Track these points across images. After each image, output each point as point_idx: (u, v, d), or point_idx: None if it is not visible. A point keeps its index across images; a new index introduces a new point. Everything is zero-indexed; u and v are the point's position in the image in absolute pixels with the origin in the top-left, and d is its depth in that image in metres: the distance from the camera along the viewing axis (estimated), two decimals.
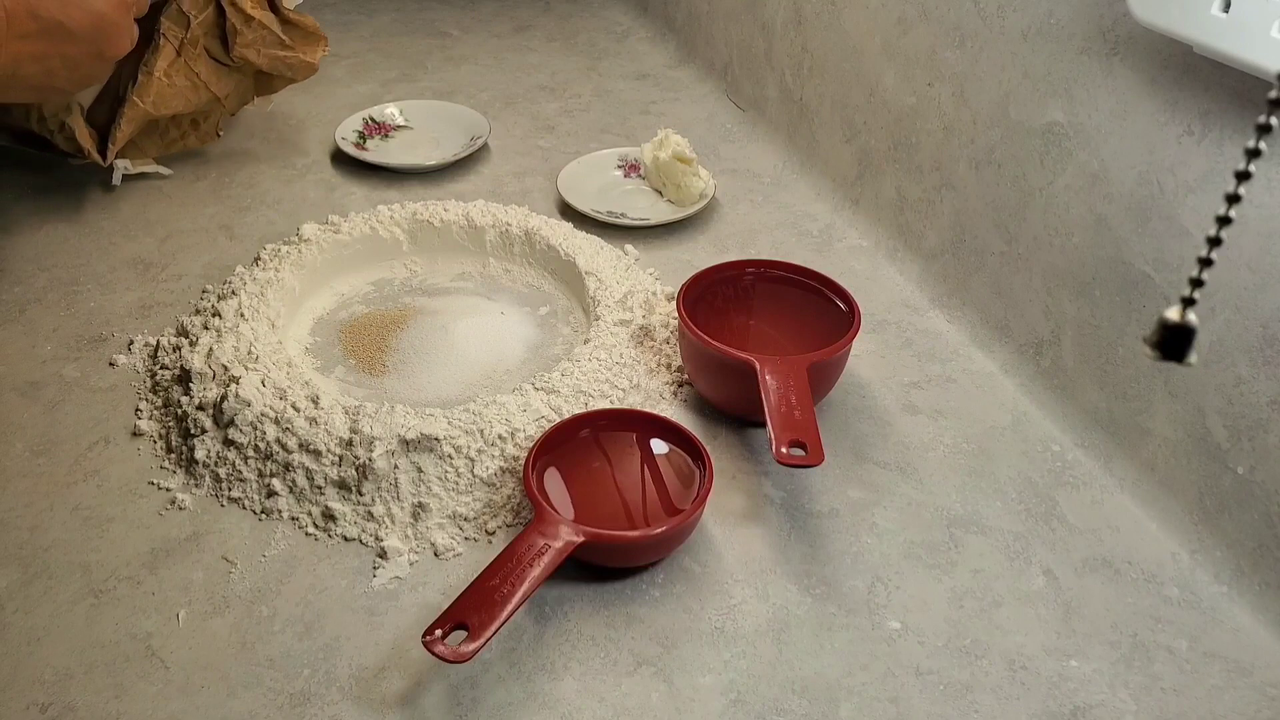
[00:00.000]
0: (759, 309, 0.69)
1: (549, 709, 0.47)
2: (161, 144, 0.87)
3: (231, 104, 0.86)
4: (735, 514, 0.58)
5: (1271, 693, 0.49)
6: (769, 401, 0.56)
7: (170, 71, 0.80)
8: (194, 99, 0.82)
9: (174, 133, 0.87)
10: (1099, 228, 0.60)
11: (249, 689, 0.48)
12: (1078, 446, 0.63)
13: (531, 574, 0.48)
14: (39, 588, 0.52)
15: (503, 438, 0.58)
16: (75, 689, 0.47)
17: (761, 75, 0.97)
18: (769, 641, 0.51)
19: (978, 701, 0.48)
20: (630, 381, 0.64)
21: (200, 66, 0.81)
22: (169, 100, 0.80)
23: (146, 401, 0.64)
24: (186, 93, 0.81)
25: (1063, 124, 0.62)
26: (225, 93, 0.84)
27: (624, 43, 1.21)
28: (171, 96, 0.80)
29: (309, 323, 0.71)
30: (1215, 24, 0.48)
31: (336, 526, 0.56)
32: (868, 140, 0.82)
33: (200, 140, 0.89)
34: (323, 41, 0.85)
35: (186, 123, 0.87)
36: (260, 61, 0.83)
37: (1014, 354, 0.68)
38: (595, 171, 0.89)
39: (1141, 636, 0.52)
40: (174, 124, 0.86)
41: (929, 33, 0.73)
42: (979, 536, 0.57)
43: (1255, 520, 0.53)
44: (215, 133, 0.89)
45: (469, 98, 1.04)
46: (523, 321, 0.72)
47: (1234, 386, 0.53)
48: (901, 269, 0.78)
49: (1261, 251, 0.51)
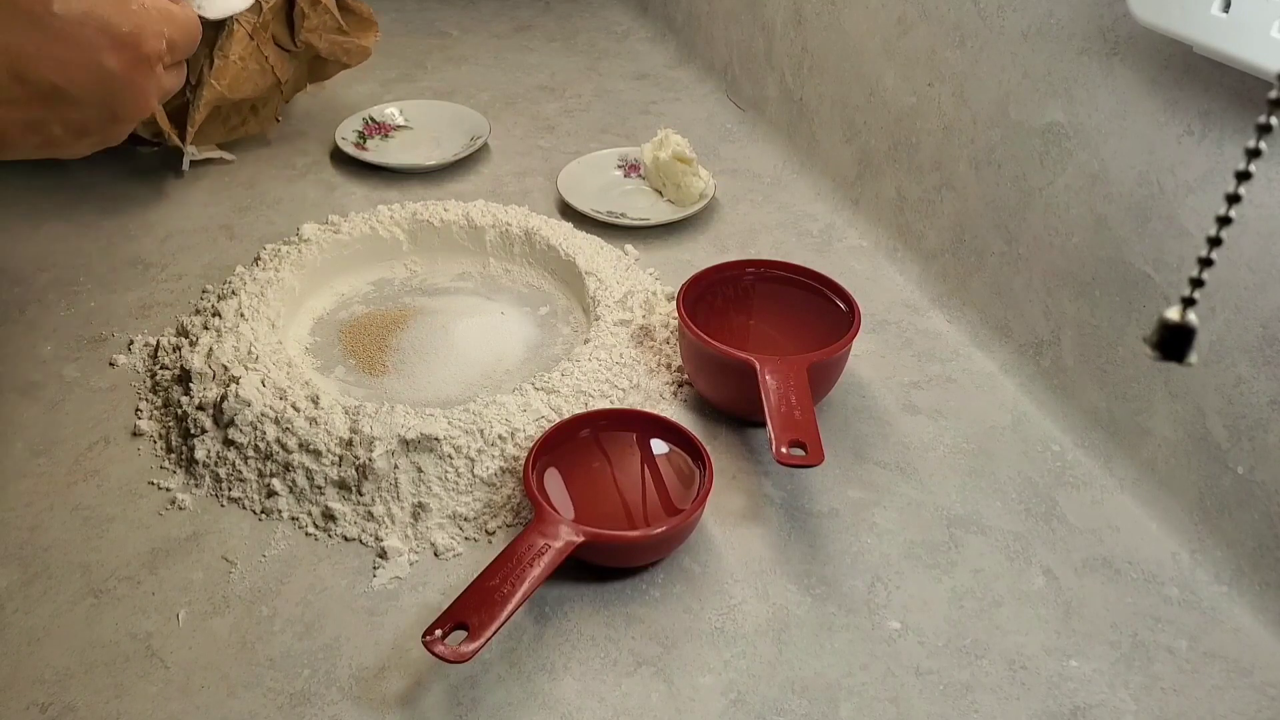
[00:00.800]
0: (759, 309, 0.69)
1: (549, 709, 0.47)
2: (224, 130, 0.89)
3: (289, 90, 0.90)
4: (735, 514, 0.58)
5: (1271, 693, 0.49)
6: (769, 401, 0.56)
7: (244, 56, 0.83)
8: (262, 83, 0.85)
9: (235, 119, 0.89)
10: (1099, 228, 0.60)
11: (249, 689, 0.48)
12: (1078, 446, 0.63)
13: (531, 574, 0.48)
14: (39, 588, 0.52)
15: (503, 438, 0.58)
16: (75, 689, 0.47)
17: (761, 75, 0.97)
18: (769, 641, 0.51)
19: (978, 701, 0.48)
20: (630, 381, 0.64)
21: (269, 50, 0.85)
22: (242, 84, 0.84)
23: (146, 401, 0.64)
24: (256, 77, 0.85)
25: (1063, 124, 0.62)
26: (287, 77, 0.88)
27: (624, 43, 1.21)
28: (244, 80, 0.84)
29: (309, 323, 0.71)
30: (1215, 24, 0.48)
31: (336, 526, 0.56)
32: (868, 140, 0.82)
33: (260, 126, 0.92)
34: (375, 27, 0.90)
35: (247, 109, 0.89)
36: (321, 46, 0.87)
37: (1014, 354, 0.68)
38: (595, 171, 0.89)
39: (1141, 636, 0.52)
40: (235, 110, 0.88)
41: (929, 33, 0.73)
42: (979, 536, 0.57)
43: (1255, 520, 0.53)
44: (275, 117, 0.92)
45: (469, 98, 1.04)
46: (523, 321, 0.72)
47: (1234, 386, 0.53)
48: (901, 269, 0.78)
49: (1261, 251, 0.51)
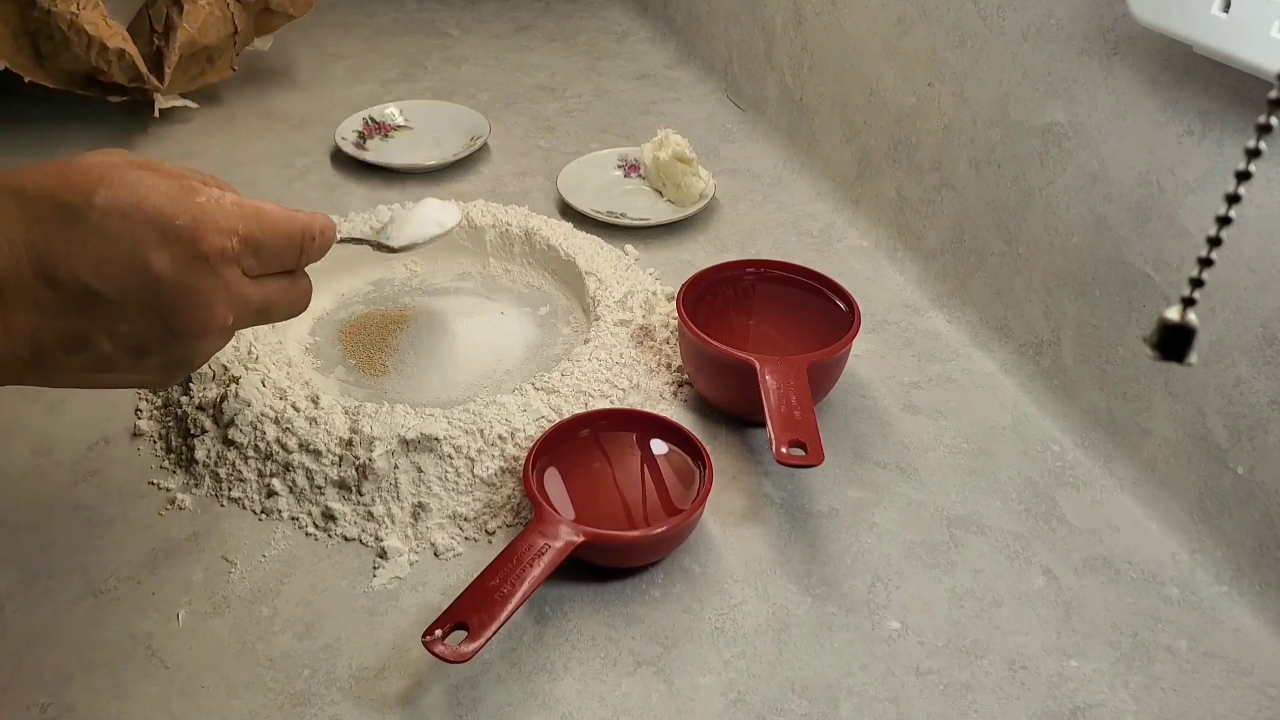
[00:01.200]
0: (759, 309, 0.69)
1: (549, 709, 0.47)
2: (185, 79, 0.93)
3: (241, 42, 0.94)
4: (735, 514, 0.58)
5: (1271, 693, 0.49)
6: (769, 401, 0.56)
7: (211, 2, 0.88)
8: (223, 31, 0.90)
9: (194, 69, 0.94)
10: (1099, 228, 0.60)
11: (249, 689, 0.48)
12: (1078, 446, 0.63)
13: (531, 574, 0.48)
14: (39, 588, 0.52)
15: (503, 438, 0.58)
16: (75, 689, 0.47)
17: (761, 75, 0.97)
18: (769, 641, 0.51)
19: (978, 701, 0.48)
20: (630, 381, 0.64)
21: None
22: (209, 30, 0.89)
23: (146, 402, 0.64)
24: (220, 24, 0.90)
25: (1063, 124, 0.62)
26: (243, 27, 0.92)
27: (624, 43, 1.21)
28: (211, 26, 0.89)
29: (309, 323, 0.71)
30: (1215, 24, 0.48)
31: (336, 526, 0.56)
32: (868, 140, 0.82)
33: (218, 74, 0.96)
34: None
35: (204, 59, 0.94)
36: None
37: (1014, 354, 0.68)
38: (595, 171, 0.89)
39: (1141, 636, 0.52)
40: (194, 60, 0.93)
41: (929, 33, 0.73)
42: (979, 536, 0.57)
43: (1255, 520, 0.53)
44: (231, 67, 0.96)
45: (469, 98, 1.04)
46: (523, 321, 0.72)
47: (1234, 386, 0.53)
48: (901, 269, 0.78)
49: (1261, 251, 0.51)
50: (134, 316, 0.40)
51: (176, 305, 0.41)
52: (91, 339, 0.40)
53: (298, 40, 1.17)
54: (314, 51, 1.14)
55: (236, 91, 1.04)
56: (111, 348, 0.41)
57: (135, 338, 0.41)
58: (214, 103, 1.00)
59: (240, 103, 1.01)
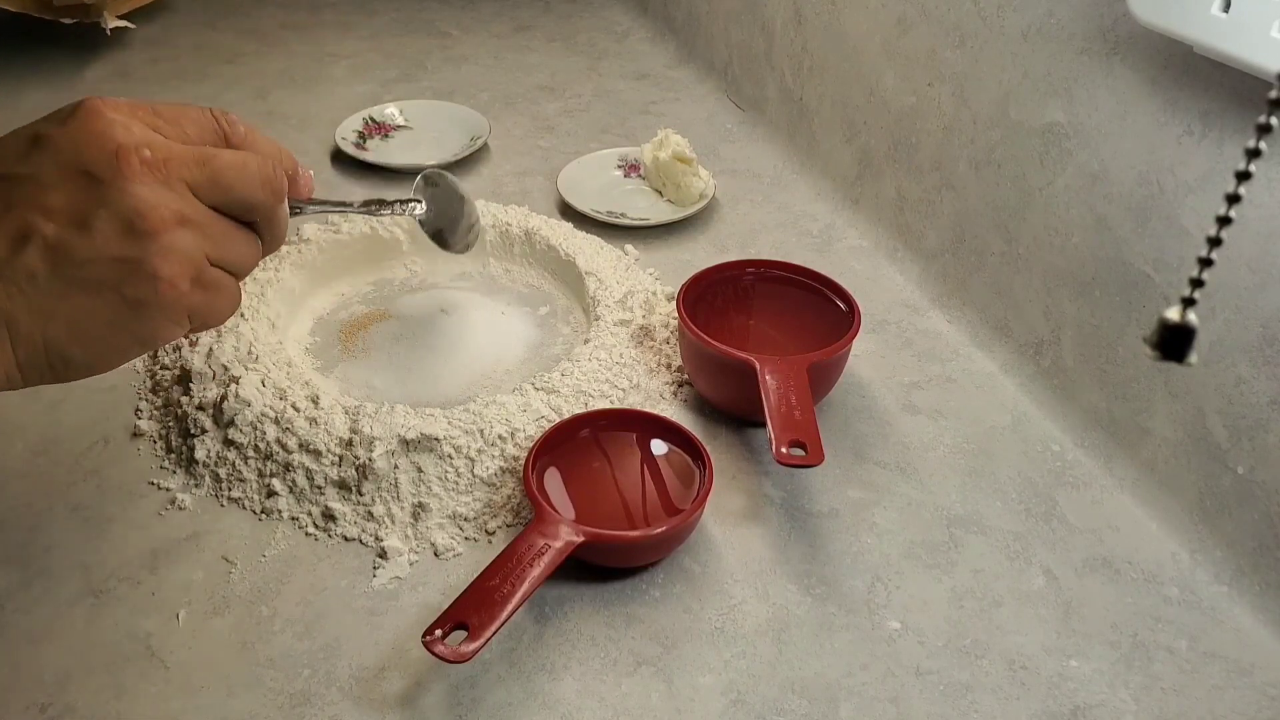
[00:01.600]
0: (759, 309, 0.69)
1: (549, 709, 0.47)
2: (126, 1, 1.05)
3: None
4: (735, 514, 0.58)
5: (1271, 693, 0.49)
6: (769, 401, 0.56)
7: None
8: None
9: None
10: (1099, 228, 0.60)
11: (249, 689, 0.48)
12: (1078, 446, 0.63)
13: (531, 574, 0.48)
14: (39, 588, 0.52)
15: (503, 438, 0.58)
16: (75, 689, 0.47)
17: (761, 75, 0.97)
18: (769, 641, 0.51)
19: (978, 701, 0.48)
20: (630, 381, 0.64)
21: None
22: None
23: (146, 401, 0.64)
24: None
25: (1063, 124, 0.62)
26: None
27: (624, 43, 1.21)
28: None
29: (309, 323, 0.71)
30: (1215, 24, 0.48)
31: (336, 526, 0.56)
32: (868, 140, 0.82)
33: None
34: None
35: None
36: None
37: (1014, 354, 0.68)
38: (595, 171, 0.89)
39: (1141, 636, 0.52)
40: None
41: (929, 33, 0.73)
42: (979, 536, 0.57)
43: (1255, 520, 0.53)
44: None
45: (469, 98, 1.04)
46: (523, 321, 0.72)
47: (1234, 386, 0.53)
48: (901, 269, 0.78)
49: (1261, 251, 0.51)
50: (55, 182, 0.40)
51: (79, 146, 0.40)
52: (30, 225, 0.39)
53: (298, 40, 1.17)
54: (314, 51, 1.14)
55: (237, 91, 1.04)
56: (54, 228, 0.40)
57: (69, 206, 0.40)
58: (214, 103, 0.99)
59: (240, 103, 1.01)
